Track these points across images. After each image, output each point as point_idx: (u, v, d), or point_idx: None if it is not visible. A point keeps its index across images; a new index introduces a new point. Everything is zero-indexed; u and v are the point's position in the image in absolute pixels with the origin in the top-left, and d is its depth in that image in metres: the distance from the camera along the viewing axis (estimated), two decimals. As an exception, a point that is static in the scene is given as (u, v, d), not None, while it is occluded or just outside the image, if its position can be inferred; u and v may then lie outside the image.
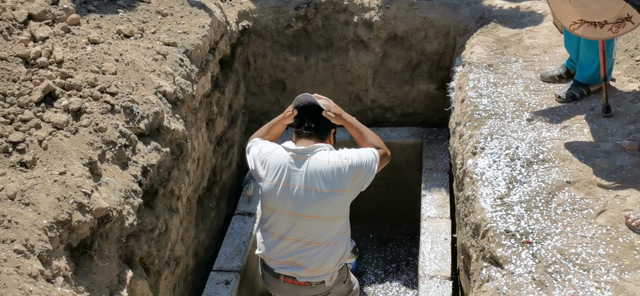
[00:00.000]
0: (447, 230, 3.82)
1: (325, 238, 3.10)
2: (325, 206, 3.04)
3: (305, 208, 3.04)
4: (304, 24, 4.78)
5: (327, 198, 3.02)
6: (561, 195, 2.76)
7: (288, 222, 3.09)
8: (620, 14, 2.93)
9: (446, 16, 4.54)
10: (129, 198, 2.63)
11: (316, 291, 3.25)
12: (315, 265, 3.12)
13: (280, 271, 3.19)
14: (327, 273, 3.18)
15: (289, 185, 3.05)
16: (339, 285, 3.35)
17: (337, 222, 3.11)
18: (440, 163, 4.53)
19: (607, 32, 3.01)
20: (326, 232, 3.09)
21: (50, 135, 2.51)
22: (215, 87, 4.00)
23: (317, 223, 3.08)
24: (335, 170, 3.01)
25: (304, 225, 3.07)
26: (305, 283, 3.20)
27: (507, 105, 3.47)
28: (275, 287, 3.33)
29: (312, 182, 3.03)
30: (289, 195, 3.05)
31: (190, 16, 3.83)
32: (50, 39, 3.01)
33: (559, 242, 2.52)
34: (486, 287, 2.48)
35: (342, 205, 3.11)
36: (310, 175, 3.03)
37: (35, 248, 2.08)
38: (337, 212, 3.10)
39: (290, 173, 3.05)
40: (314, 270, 3.14)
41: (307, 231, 3.09)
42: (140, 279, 2.74)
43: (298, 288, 3.24)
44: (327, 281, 3.20)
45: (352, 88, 5.01)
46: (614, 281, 2.31)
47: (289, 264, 3.16)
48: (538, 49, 4.04)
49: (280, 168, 3.06)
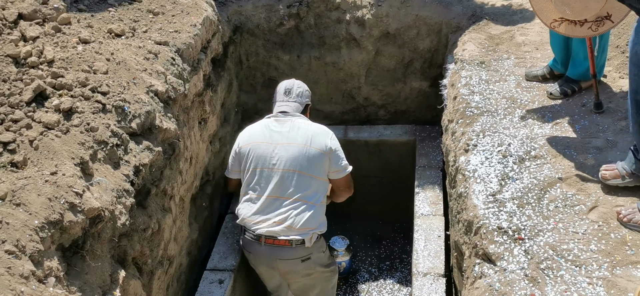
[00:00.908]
0: (441, 227, 3.82)
1: (306, 194, 3.44)
2: (306, 160, 3.45)
3: (287, 162, 3.44)
4: (296, 22, 4.77)
5: (309, 153, 3.44)
6: (553, 192, 2.77)
7: (269, 178, 3.46)
8: (600, 12, 2.94)
9: (438, 14, 4.54)
10: (121, 198, 2.62)
11: (296, 254, 3.46)
12: (296, 221, 3.38)
13: (261, 231, 3.44)
14: (307, 233, 3.41)
15: (272, 142, 3.52)
16: (319, 253, 3.56)
17: (316, 180, 3.48)
18: (433, 160, 4.54)
19: (587, 30, 3.03)
20: (307, 188, 3.44)
21: (41, 135, 2.50)
22: (208, 85, 3.99)
23: (299, 177, 3.44)
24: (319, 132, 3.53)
25: (285, 179, 3.43)
26: (285, 242, 3.42)
27: (499, 102, 3.48)
28: (256, 253, 3.55)
29: (295, 138, 3.48)
30: (272, 151, 3.48)
31: (181, 15, 3.82)
32: (41, 39, 2.99)
33: (551, 238, 2.53)
34: (479, 284, 2.49)
35: (321, 165, 3.50)
36: (294, 132, 3.51)
37: (26, 248, 2.07)
38: (317, 170, 3.45)
39: (272, 133, 3.56)
40: (293, 227, 3.37)
41: (288, 186, 3.43)
42: (133, 279, 2.73)
43: (278, 249, 3.43)
44: (307, 241, 3.42)
45: (344, 86, 5.01)
46: (606, 277, 2.32)
47: (269, 223, 3.41)
48: (530, 46, 4.05)
49: (261, 131, 3.59)
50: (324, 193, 3.59)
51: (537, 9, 3.18)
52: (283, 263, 3.54)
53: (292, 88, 3.76)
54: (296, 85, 3.80)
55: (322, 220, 3.55)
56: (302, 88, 3.81)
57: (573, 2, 2.98)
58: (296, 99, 3.73)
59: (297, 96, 3.75)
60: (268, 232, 3.43)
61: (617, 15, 2.91)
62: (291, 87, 3.77)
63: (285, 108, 3.68)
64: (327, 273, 3.76)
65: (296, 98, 3.74)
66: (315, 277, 3.70)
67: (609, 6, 2.91)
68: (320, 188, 3.55)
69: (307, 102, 3.81)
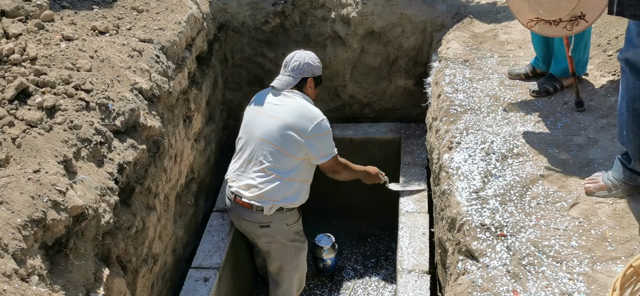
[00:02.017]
0: (425, 224, 3.85)
1: (276, 167, 3.61)
2: (282, 137, 3.59)
3: (266, 134, 3.62)
4: (282, 20, 4.77)
5: (286, 132, 3.58)
6: (535, 189, 2.80)
7: (254, 146, 3.67)
8: (574, 12, 2.96)
9: (423, 12, 4.57)
10: (105, 196, 2.61)
11: (255, 218, 3.72)
12: (261, 187, 3.62)
13: (233, 189, 3.74)
14: (267, 202, 3.64)
15: (261, 112, 3.71)
16: (280, 224, 3.75)
17: (290, 158, 3.62)
18: (418, 158, 4.56)
19: (562, 30, 3.05)
20: (278, 162, 3.61)
21: (23, 133, 2.48)
22: (193, 83, 3.98)
23: (273, 150, 3.61)
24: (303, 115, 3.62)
25: (261, 148, 3.63)
26: (247, 205, 3.68)
27: (483, 100, 3.51)
28: (230, 209, 3.88)
29: (279, 113, 3.63)
30: (258, 120, 3.70)
31: (166, 12, 3.81)
32: (24, 36, 2.97)
33: (532, 235, 2.56)
34: (462, 280, 2.51)
35: (296, 147, 3.60)
36: (280, 108, 3.65)
37: (9, 247, 2.06)
38: (292, 150, 3.60)
39: (265, 103, 3.74)
40: (256, 194, 3.63)
41: (261, 156, 3.64)
42: (118, 277, 2.72)
43: (242, 209, 3.74)
44: (265, 209, 3.65)
45: (330, 84, 5.03)
46: (587, 273, 2.35)
47: (240, 185, 3.70)
48: (513, 44, 4.09)
49: (260, 98, 3.80)
50: (299, 171, 3.68)
51: (514, 9, 3.21)
52: (245, 223, 3.81)
53: (290, 61, 3.78)
54: (295, 57, 3.78)
55: (288, 195, 3.65)
56: (300, 61, 3.76)
57: (546, 2, 3.00)
58: (290, 73, 3.75)
59: (292, 70, 3.75)
60: (237, 191, 3.71)
61: (591, 14, 2.94)
62: (290, 59, 3.79)
63: (276, 83, 3.78)
64: (291, 247, 3.89)
65: (290, 72, 3.75)
66: (276, 248, 3.88)
67: (583, 6, 2.93)
68: (296, 166, 3.65)
69: (305, 76, 3.77)
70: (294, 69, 3.75)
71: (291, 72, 3.75)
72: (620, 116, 2.57)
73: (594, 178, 2.75)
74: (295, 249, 3.93)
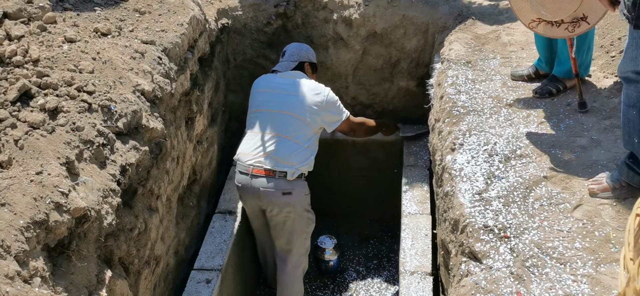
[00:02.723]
0: (428, 226, 3.84)
1: (297, 135, 3.85)
2: (299, 106, 3.86)
3: (282, 105, 3.88)
4: (284, 22, 4.77)
5: (303, 102, 3.87)
6: (538, 190, 2.79)
7: (265, 118, 3.90)
8: (576, 14, 2.96)
9: (425, 13, 4.56)
10: (107, 198, 2.61)
11: (278, 185, 3.82)
12: (282, 153, 3.80)
13: (251, 162, 3.84)
14: (290, 167, 3.80)
15: (272, 89, 4.00)
16: (300, 193, 3.92)
17: (308, 126, 3.87)
18: (420, 159, 4.56)
19: (563, 31, 3.05)
20: (299, 130, 3.85)
21: (26, 135, 2.48)
22: (195, 85, 3.98)
23: (294, 120, 3.85)
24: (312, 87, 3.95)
25: (278, 118, 3.87)
26: (269, 173, 3.80)
27: (485, 102, 3.50)
28: (245, 183, 3.91)
29: (291, 87, 3.94)
30: (270, 96, 3.96)
31: (168, 14, 3.81)
32: (26, 38, 2.97)
33: (536, 236, 2.55)
34: (465, 282, 2.50)
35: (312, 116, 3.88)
36: (290, 84, 3.97)
37: (11, 248, 2.05)
38: (308, 117, 3.87)
39: (273, 81, 4.05)
40: (279, 159, 3.79)
41: (279, 124, 3.86)
42: (120, 279, 2.72)
43: (263, 178, 3.82)
44: (289, 174, 3.80)
45: (332, 85, 4.99)
46: (590, 274, 2.35)
47: (259, 155, 3.82)
48: (515, 45, 4.08)
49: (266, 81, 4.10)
50: (314, 142, 3.97)
51: (516, 9, 3.21)
52: (265, 195, 3.84)
53: (287, 50, 4.22)
54: (291, 47, 4.24)
55: (307, 160, 3.88)
56: (295, 48, 4.23)
57: (548, 3, 3.00)
58: (288, 58, 4.16)
59: (290, 55, 4.17)
60: (256, 161, 3.83)
61: (593, 17, 2.94)
62: (286, 49, 4.24)
63: (277, 67, 4.18)
64: (305, 217, 4.04)
65: (289, 57, 4.17)
66: (294, 218, 3.97)
67: (585, 8, 2.93)
68: (312, 136, 3.94)
69: (302, 60, 4.17)
70: (291, 54, 4.18)
71: (289, 56, 4.17)
72: (629, 123, 2.55)
73: (597, 180, 2.74)
74: (308, 220, 4.08)
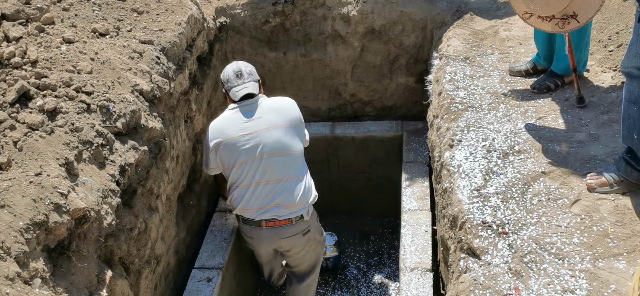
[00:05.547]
0: (428, 222, 3.85)
1: (296, 170, 3.55)
2: (288, 137, 3.51)
3: (270, 147, 3.48)
4: (282, 20, 4.77)
5: (288, 130, 3.51)
6: (536, 186, 2.80)
7: (255, 167, 3.50)
8: (565, 11, 2.97)
9: (423, 9, 4.56)
10: (107, 198, 2.62)
11: (297, 229, 3.61)
12: (291, 199, 3.51)
13: (261, 217, 3.56)
14: (304, 207, 3.57)
15: (249, 133, 3.50)
16: (315, 223, 3.73)
17: (299, 154, 3.57)
18: (420, 156, 4.56)
19: (554, 26, 3.07)
20: (292, 165, 3.54)
21: (25, 136, 2.49)
22: (193, 84, 3.99)
23: (286, 157, 3.52)
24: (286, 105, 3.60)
25: (270, 163, 3.49)
26: (286, 222, 3.57)
27: (484, 97, 3.50)
28: (258, 237, 3.68)
29: (272, 120, 3.51)
30: (252, 141, 3.49)
31: (166, 14, 3.81)
32: (24, 39, 2.98)
33: (534, 232, 2.56)
34: (464, 278, 2.51)
35: (300, 135, 3.60)
36: (267, 114, 3.52)
37: (11, 250, 2.06)
38: (297, 144, 3.56)
39: (245, 123, 3.52)
40: (291, 206, 3.52)
41: (275, 169, 3.50)
42: (120, 278, 2.73)
43: (280, 229, 3.59)
44: (305, 215, 3.57)
45: (331, 82, 5.03)
46: (588, 269, 2.35)
47: (267, 208, 3.53)
48: (513, 41, 4.08)
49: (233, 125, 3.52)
50: (304, 163, 3.66)
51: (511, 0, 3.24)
52: (286, 241, 3.65)
53: (242, 69, 3.60)
54: (243, 65, 3.64)
55: (312, 188, 3.64)
56: (250, 66, 3.67)
57: None
58: (250, 78, 3.58)
59: (249, 74, 3.60)
60: (267, 216, 3.54)
61: (583, 15, 2.95)
62: (239, 68, 3.60)
63: (248, 90, 3.53)
64: (320, 241, 3.91)
65: (249, 77, 3.58)
66: (313, 248, 3.84)
67: (575, 6, 2.94)
68: (303, 160, 3.64)
69: (258, 79, 3.67)
70: (250, 74, 3.61)
71: (249, 76, 3.59)
72: (629, 119, 2.55)
73: (595, 175, 2.75)
74: (322, 241, 3.98)
